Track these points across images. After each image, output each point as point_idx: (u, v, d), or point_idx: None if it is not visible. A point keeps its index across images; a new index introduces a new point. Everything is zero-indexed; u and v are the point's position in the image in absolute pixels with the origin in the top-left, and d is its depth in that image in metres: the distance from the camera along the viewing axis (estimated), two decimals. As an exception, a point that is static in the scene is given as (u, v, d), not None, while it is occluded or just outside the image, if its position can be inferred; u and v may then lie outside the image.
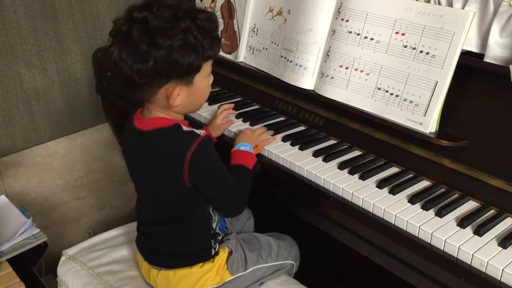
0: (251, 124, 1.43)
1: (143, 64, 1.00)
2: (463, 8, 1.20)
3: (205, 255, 1.22)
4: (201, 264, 1.21)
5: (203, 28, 1.04)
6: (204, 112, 1.50)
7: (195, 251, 1.21)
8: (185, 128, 1.10)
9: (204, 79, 1.12)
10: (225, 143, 1.35)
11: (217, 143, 1.37)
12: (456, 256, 0.95)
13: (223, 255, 1.24)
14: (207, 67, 1.11)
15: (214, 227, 1.22)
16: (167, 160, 1.09)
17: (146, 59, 1.00)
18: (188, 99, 1.10)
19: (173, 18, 1.01)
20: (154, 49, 0.99)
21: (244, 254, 1.26)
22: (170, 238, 1.20)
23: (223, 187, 1.14)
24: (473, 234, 0.98)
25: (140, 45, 0.99)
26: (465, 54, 1.16)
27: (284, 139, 1.34)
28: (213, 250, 1.23)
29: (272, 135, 1.34)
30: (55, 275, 1.38)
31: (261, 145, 1.30)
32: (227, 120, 1.43)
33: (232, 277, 1.24)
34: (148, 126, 1.12)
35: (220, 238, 1.26)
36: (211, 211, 1.20)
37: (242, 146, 1.26)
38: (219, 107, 1.48)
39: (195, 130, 1.10)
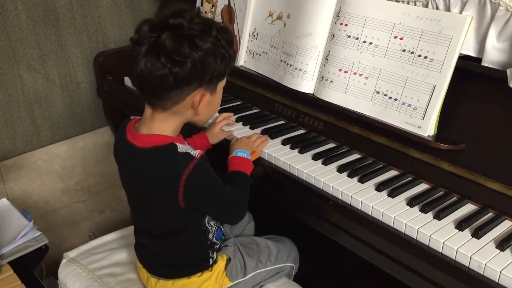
0: (251, 128, 1.44)
1: (182, 67, 1.00)
2: (460, 12, 1.21)
3: (203, 265, 1.22)
4: (199, 273, 1.21)
5: (227, 39, 1.07)
6: (204, 115, 1.51)
7: (193, 262, 1.21)
8: (180, 148, 1.07)
9: (221, 89, 1.14)
10: (225, 147, 1.36)
11: (215, 145, 1.38)
12: (454, 258, 0.95)
13: (221, 262, 1.24)
14: (225, 77, 1.13)
15: (210, 238, 1.21)
16: (160, 182, 1.08)
17: (185, 61, 1.00)
18: (207, 108, 1.11)
19: (205, 24, 1.04)
20: (194, 51, 1.00)
21: (243, 260, 1.26)
22: (167, 251, 1.20)
23: (222, 202, 1.14)
24: (471, 237, 0.98)
25: (182, 46, 1.00)
26: (463, 58, 1.17)
27: (284, 143, 1.34)
28: (211, 260, 1.23)
29: (267, 139, 1.34)
30: (56, 278, 1.39)
31: (257, 150, 1.30)
32: (226, 129, 1.43)
33: (231, 284, 1.24)
34: (143, 143, 1.09)
35: (217, 246, 1.26)
36: (207, 224, 1.19)
37: (240, 152, 1.25)
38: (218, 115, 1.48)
39: (189, 151, 1.07)
